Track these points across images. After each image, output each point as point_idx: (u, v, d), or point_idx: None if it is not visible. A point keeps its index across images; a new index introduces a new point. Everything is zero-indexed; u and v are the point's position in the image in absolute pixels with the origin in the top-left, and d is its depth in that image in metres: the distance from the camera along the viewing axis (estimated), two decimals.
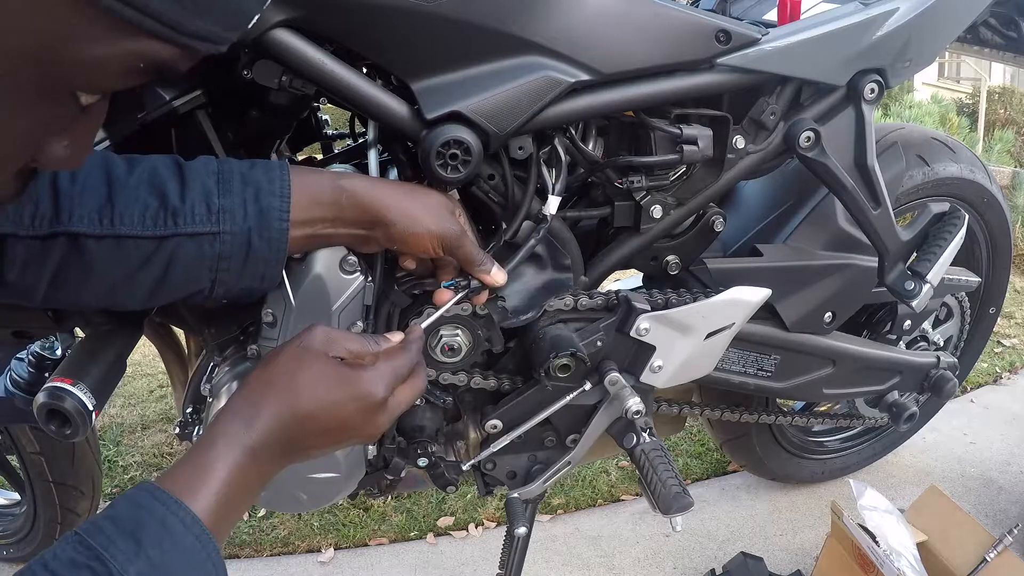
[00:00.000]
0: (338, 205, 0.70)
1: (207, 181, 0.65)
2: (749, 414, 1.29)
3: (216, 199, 0.65)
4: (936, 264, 1.14)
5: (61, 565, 0.48)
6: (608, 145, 1.00)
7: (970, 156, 1.40)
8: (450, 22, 0.76)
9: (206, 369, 0.96)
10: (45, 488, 1.32)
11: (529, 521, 1.04)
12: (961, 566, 1.29)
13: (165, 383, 2.20)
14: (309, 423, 0.61)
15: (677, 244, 1.06)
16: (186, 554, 0.51)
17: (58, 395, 0.78)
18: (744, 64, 0.92)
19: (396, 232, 0.72)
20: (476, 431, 1.04)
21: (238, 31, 0.43)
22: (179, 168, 0.65)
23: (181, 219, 0.63)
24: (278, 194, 0.67)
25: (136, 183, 0.63)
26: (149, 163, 0.65)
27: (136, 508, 0.52)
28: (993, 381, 2.31)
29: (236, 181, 0.66)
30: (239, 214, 0.65)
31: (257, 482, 0.60)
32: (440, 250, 0.75)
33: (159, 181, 0.64)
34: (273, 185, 0.67)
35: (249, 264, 0.67)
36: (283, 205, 0.67)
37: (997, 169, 3.96)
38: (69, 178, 0.61)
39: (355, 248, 0.77)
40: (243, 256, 0.66)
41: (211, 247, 0.65)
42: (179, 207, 0.63)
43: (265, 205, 0.66)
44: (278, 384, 0.61)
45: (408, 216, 0.72)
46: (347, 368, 0.63)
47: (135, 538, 0.50)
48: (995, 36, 1.32)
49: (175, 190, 0.64)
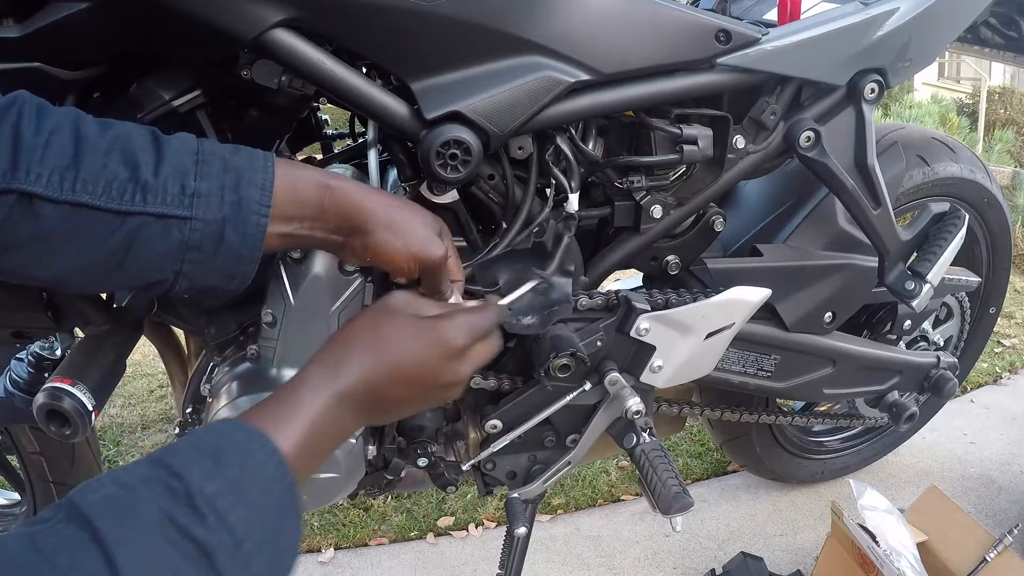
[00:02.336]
0: (320, 207, 0.65)
1: (185, 160, 0.59)
2: (749, 414, 1.29)
3: (192, 181, 0.58)
4: (936, 264, 1.14)
5: (134, 479, 0.46)
6: (608, 145, 1.00)
7: (970, 156, 1.40)
8: (450, 22, 0.76)
9: (206, 369, 0.96)
10: (45, 488, 1.32)
11: (529, 521, 1.04)
12: (961, 566, 1.29)
13: (165, 383, 2.20)
14: (395, 372, 0.61)
15: (677, 244, 1.06)
16: (265, 482, 0.50)
17: (58, 395, 0.78)
18: (744, 64, 0.92)
19: (373, 243, 0.67)
20: (476, 431, 1.04)
21: None
22: (156, 140, 0.59)
23: (151, 196, 0.57)
24: (259, 185, 0.61)
25: (108, 148, 0.57)
26: (123, 129, 0.59)
27: (217, 434, 0.51)
28: (993, 381, 2.31)
29: (216, 165, 0.60)
30: (215, 201, 0.59)
31: (339, 431, 0.59)
32: (415, 270, 0.70)
33: (132, 150, 0.57)
34: (255, 175, 0.61)
35: (219, 258, 0.60)
36: (264, 198, 0.61)
37: (997, 169, 3.96)
38: (33, 128, 0.54)
39: (334, 253, 0.73)
40: (213, 249, 0.60)
41: (179, 233, 0.58)
42: (151, 182, 0.57)
43: (244, 195, 0.60)
44: (363, 337, 0.62)
45: (389, 229, 0.68)
46: (428, 320, 0.64)
47: (214, 458, 0.49)
48: (995, 36, 1.32)
49: (149, 163, 0.57)
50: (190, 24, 0.68)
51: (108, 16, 0.68)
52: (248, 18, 0.69)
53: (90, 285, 0.62)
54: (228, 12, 0.69)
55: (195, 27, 0.69)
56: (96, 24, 0.68)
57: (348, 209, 0.66)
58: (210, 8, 0.68)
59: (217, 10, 0.68)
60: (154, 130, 0.60)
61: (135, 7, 0.68)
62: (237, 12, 0.69)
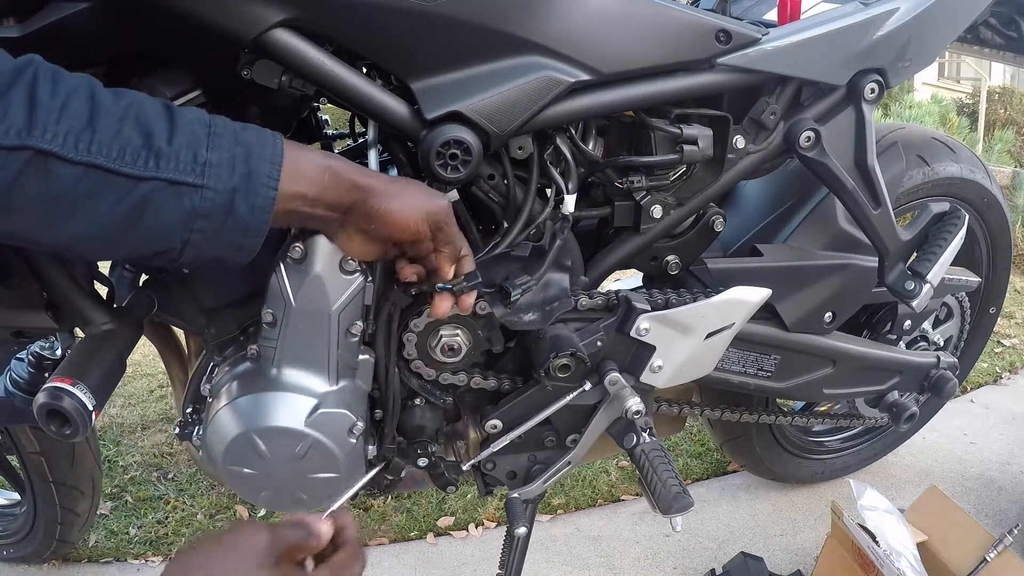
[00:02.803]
0: (321, 184, 0.67)
1: (197, 130, 0.60)
2: (749, 414, 1.29)
3: (204, 151, 0.60)
4: (936, 264, 1.14)
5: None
6: (608, 145, 1.00)
7: (970, 156, 1.40)
8: (450, 22, 0.76)
9: (206, 369, 0.96)
10: (45, 488, 1.32)
11: (529, 521, 1.04)
12: (961, 566, 1.29)
13: (165, 383, 2.20)
14: None
15: (677, 244, 1.06)
16: None
17: (58, 395, 0.78)
18: (744, 64, 0.92)
19: (376, 209, 0.69)
20: (476, 431, 1.04)
21: None
22: (169, 111, 0.61)
23: (164, 162, 0.58)
24: (268, 159, 0.63)
25: (122, 114, 0.58)
26: (137, 98, 0.60)
27: None
28: (993, 381, 2.31)
29: (227, 137, 0.62)
30: (226, 171, 0.60)
31: None
32: (423, 229, 0.72)
33: (146, 118, 0.59)
34: (265, 150, 0.63)
35: (227, 229, 0.62)
36: (273, 171, 0.63)
37: (997, 169, 3.96)
38: (50, 90, 0.55)
39: (329, 235, 0.75)
40: (222, 218, 0.61)
41: (190, 200, 0.59)
42: (164, 149, 0.58)
43: (255, 168, 0.62)
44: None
45: (389, 194, 0.70)
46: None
47: None
48: (995, 36, 1.32)
49: (163, 130, 0.59)
50: (190, 24, 0.68)
51: (108, 16, 0.68)
52: (248, 18, 0.69)
53: (97, 252, 0.64)
54: (228, 12, 0.69)
55: (195, 27, 0.69)
56: (96, 24, 0.68)
57: (346, 184, 0.68)
58: (210, 8, 0.68)
59: (217, 10, 0.68)
60: (167, 102, 0.61)
61: (135, 7, 0.68)
62: (237, 12, 0.69)
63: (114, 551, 1.54)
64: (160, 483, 1.75)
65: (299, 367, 0.86)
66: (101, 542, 1.56)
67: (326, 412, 0.86)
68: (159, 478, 1.78)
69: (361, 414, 0.89)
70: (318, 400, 0.86)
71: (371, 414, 0.96)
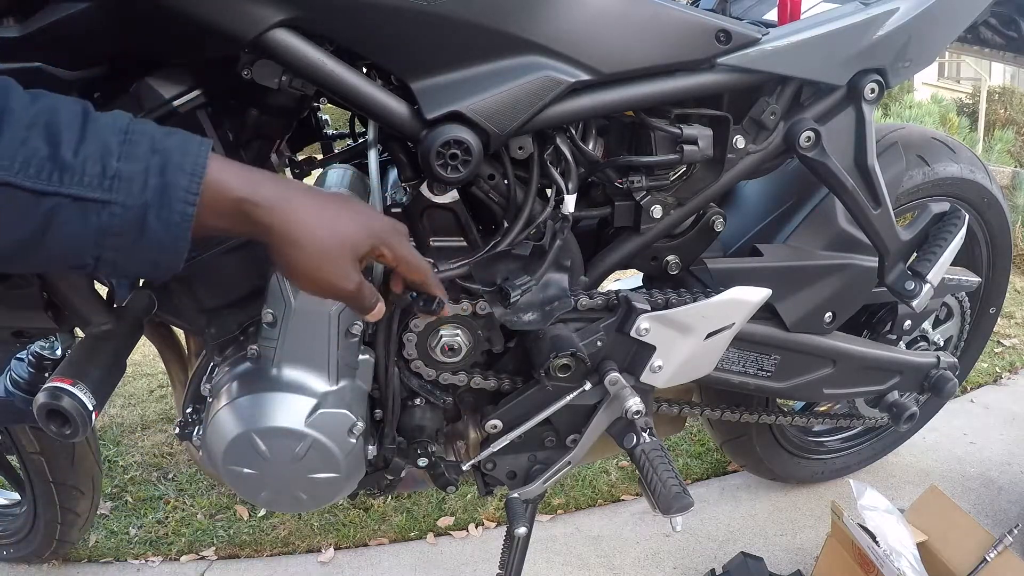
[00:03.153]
0: (234, 216, 0.61)
1: (109, 138, 0.55)
2: (749, 414, 1.29)
3: (114, 161, 0.54)
4: (936, 264, 1.14)
5: None
6: (608, 145, 1.00)
7: (970, 156, 1.40)
8: (450, 22, 0.76)
9: (206, 369, 0.96)
10: (45, 488, 1.32)
11: (529, 521, 1.04)
12: (961, 566, 1.29)
13: (165, 383, 2.20)
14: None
15: (677, 244, 1.06)
16: None
17: (58, 395, 0.78)
18: (744, 64, 0.92)
19: (278, 261, 0.65)
20: (476, 431, 1.04)
21: None
22: (85, 116, 0.55)
23: (68, 176, 0.53)
24: (188, 171, 0.57)
25: (31, 121, 0.53)
26: (52, 102, 0.55)
27: None
28: (993, 381, 2.31)
29: (143, 145, 0.56)
30: (138, 184, 0.55)
31: None
32: (327, 297, 0.68)
33: (56, 126, 0.54)
34: (185, 160, 0.57)
35: (141, 247, 0.57)
36: (192, 185, 0.57)
37: (997, 169, 3.96)
38: None
39: None
40: (135, 236, 0.56)
41: (97, 218, 0.54)
42: (70, 161, 0.53)
43: (171, 180, 0.56)
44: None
45: (297, 248, 0.63)
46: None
47: None
48: (995, 36, 1.32)
49: (71, 140, 0.54)
50: (190, 24, 0.68)
51: (108, 16, 0.68)
52: (248, 18, 0.69)
53: (10, 265, 0.59)
54: (228, 12, 0.69)
55: (195, 27, 0.69)
56: (96, 24, 0.68)
57: (258, 228, 0.62)
58: (210, 8, 0.68)
59: (217, 10, 0.68)
60: (87, 105, 0.57)
61: (135, 7, 0.68)
62: (237, 12, 0.69)
63: (114, 551, 1.54)
64: (160, 483, 1.75)
65: (299, 367, 0.86)
66: (101, 542, 1.56)
67: (326, 412, 0.86)
68: (159, 478, 1.78)
69: (361, 414, 0.89)
70: (318, 400, 0.86)
71: (371, 414, 0.96)
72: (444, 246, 0.93)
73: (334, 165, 1.02)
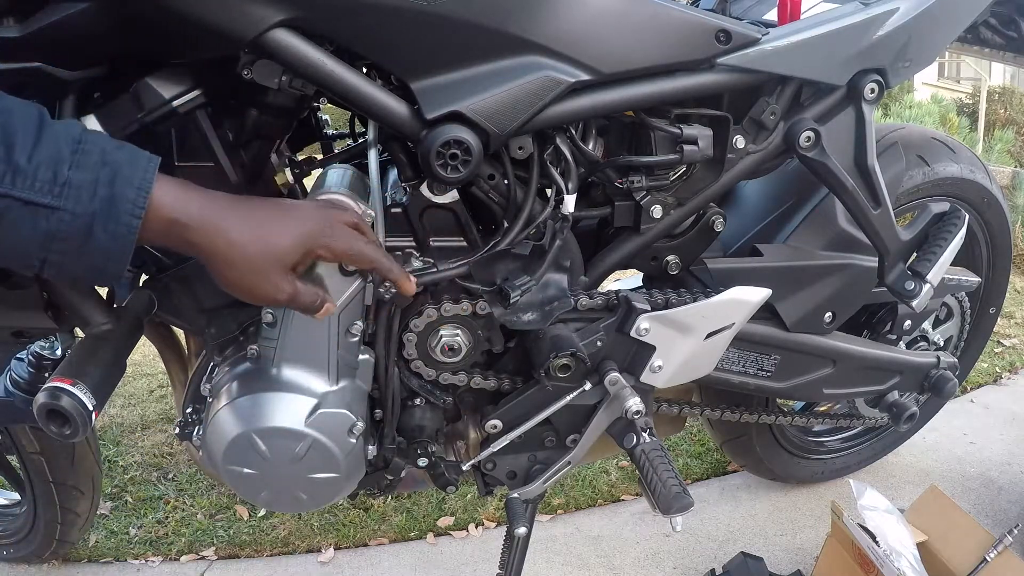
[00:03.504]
0: (169, 234, 0.64)
1: (63, 146, 0.57)
2: (749, 414, 1.29)
3: (66, 169, 0.57)
4: (936, 264, 1.14)
5: None
6: (608, 145, 1.00)
7: (970, 156, 1.40)
8: (450, 22, 0.76)
9: (206, 369, 0.96)
10: (45, 488, 1.32)
11: (529, 521, 1.04)
12: (961, 566, 1.29)
13: (165, 383, 2.20)
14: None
15: (677, 244, 1.06)
16: None
17: (58, 395, 0.78)
18: (744, 64, 0.92)
19: (214, 275, 0.67)
20: (476, 431, 1.04)
21: None
22: (40, 122, 0.57)
23: (21, 180, 0.55)
24: (136, 185, 0.59)
25: None
26: (9, 105, 0.57)
27: None
28: (993, 381, 2.31)
29: (95, 156, 0.58)
30: (87, 193, 0.57)
31: None
32: (299, 262, 0.70)
33: (12, 129, 0.56)
34: (134, 173, 0.60)
35: (86, 253, 0.59)
36: (139, 199, 0.59)
37: (997, 169, 3.96)
38: None
39: None
40: (80, 242, 0.58)
41: (46, 222, 0.57)
42: (23, 165, 0.55)
43: (119, 192, 0.58)
44: None
45: (229, 264, 0.66)
46: None
47: None
48: (995, 36, 1.32)
49: (25, 145, 0.56)
50: (190, 24, 0.68)
51: (108, 16, 0.68)
52: (248, 18, 0.69)
53: None
54: (228, 12, 0.69)
55: (195, 27, 0.69)
56: (96, 24, 0.68)
57: (192, 248, 0.65)
58: (210, 8, 0.68)
59: (217, 10, 0.68)
60: (43, 110, 0.59)
61: (135, 7, 0.68)
62: (237, 12, 0.69)
63: (114, 551, 1.55)
64: (160, 483, 1.76)
65: (299, 367, 0.86)
66: (101, 542, 1.56)
67: (326, 412, 0.86)
68: (159, 478, 1.78)
69: (361, 414, 0.89)
70: (318, 400, 0.86)
71: (371, 414, 0.96)
72: (444, 246, 0.93)
73: (334, 165, 1.02)
